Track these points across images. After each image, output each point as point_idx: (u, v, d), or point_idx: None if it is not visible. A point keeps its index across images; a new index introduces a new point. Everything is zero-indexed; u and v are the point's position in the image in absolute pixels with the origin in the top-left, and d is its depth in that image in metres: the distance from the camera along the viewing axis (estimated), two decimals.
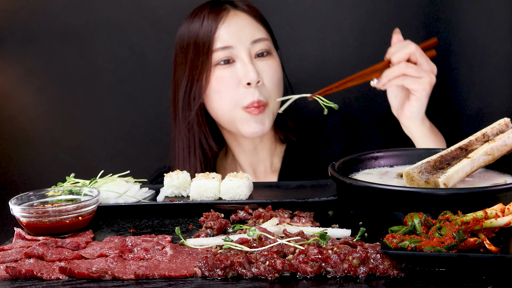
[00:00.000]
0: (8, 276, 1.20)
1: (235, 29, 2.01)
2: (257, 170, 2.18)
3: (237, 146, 2.16)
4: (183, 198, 1.62)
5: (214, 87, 2.02)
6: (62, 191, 1.53)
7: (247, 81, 1.98)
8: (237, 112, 2.01)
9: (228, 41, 2.00)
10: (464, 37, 2.43)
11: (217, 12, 2.02)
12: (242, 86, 1.99)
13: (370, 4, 2.47)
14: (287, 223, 1.39)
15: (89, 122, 2.64)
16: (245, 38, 2.01)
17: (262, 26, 2.06)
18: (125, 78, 2.60)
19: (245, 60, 1.99)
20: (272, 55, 2.06)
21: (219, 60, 2.01)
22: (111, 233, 1.45)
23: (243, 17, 2.04)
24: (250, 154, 2.16)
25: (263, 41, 2.04)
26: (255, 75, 1.97)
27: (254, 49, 2.02)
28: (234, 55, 2.01)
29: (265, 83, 2.01)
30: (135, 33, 2.56)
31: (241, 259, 1.16)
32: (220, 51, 2.00)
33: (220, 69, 2.01)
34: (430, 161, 1.48)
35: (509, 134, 1.48)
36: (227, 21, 2.02)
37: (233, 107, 2.01)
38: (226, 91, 2.01)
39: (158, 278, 1.17)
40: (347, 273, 1.13)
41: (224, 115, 2.05)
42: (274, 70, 2.04)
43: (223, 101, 2.02)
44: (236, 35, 2.01)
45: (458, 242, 1.13)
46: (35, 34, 2.57)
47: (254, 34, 2.03)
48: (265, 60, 2.03)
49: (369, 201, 1.39)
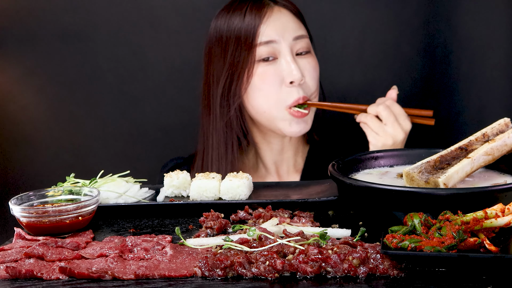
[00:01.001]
0: (8, 276, 1.20)
1: (279, 24, 2.00)
2: (280, 169, 2.18)
3: (264, 144, 2.15)
4: (183, 198, 1.62)
5: (256, 84, 2.00)
6: (62, 191, 1.53)
7: (291, 79, 1.97)
8: (280, 112, 2.00)
9: (271, 36, 1.99)
10: (464, 37, 2.44)
11: (260, 7, 2.01)
12: (285, 84, 1.99)
13: (370, 4, 2.47)
14: (287, 223, 1.39)
15: (89, 122, 2.64)
16: (288, 34, 2.00)
17: (302, 24, 2.07)
18: (125, 78, 2.60)
19: (288, 57, 1.98)
20: (311, 53, 2.07)
21: (262, 56, 1.99)
22: (111, 233, 1.45)
23: (285, 13, 2.04)
24: (276, 153, 2.15)
25: (304, 38, 2.04)
26: (298, 74, 1.97)
27: (296, 46, 2.02)
28: (277, 51, 1.99)
29: (307, 81, 2.02)
30: (135, 33, 2.56)
31: (241, 259, 1.16)
32: (263, 45, 1.98)
33: (262, 66, 1.99)
34: (430, 161, 1.48)
35: (509, 134, 1.48)
36: (271, 16, 2.00)
37: (276, 106, 2.00)
38: (269, 89, 1.99)
39: (158, 278, 1.17)
40: (347, 273, 1.13)
41: (265, 113, 2.03)
42: (314, 69, 2.05)
43: (266, 100, 2.01)
44: (279, 31, 1.99)
45: (458, 242, 1.13)
46: (35, 34, 2.57)
47: (297, 30, 2.02)
48: (306, 58, 2.03)
49: (369, 201, 1.39)
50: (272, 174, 2.16)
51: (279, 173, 2.17)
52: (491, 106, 2.46)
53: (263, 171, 2.17)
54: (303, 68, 2.01)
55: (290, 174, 2.18)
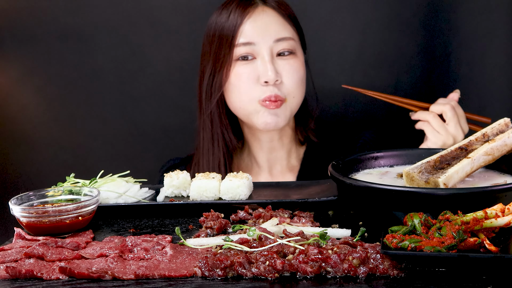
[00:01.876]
0: (8, 276, 1.20)
1: (260, 25, 2.01)
2: (273, 168, 2.19)
3: (255, 142, 2.17)
4: (183, 198, 1.62)
5: (232, 82, 2.03)
6: (62, 191, 1.53)
7: (265, 79, 1.99)
8: (253, 105, 2.02)
9: (251, 37, 2.01)
10: (464, 37, 2.44)
11: (245, 6, 2.03)
12: (260, 84, 2.00)
13: (370, 4, 2.47)
14: (287, 223, 1.39)
15: (89, 122, 2.64)
16: (268, 36, 2.01)
17: (289, 25, 2.06)
18: (125, 78, 2.60)
19: (266, 58, 2.00)
20: (295, 55, 2.06)
21: (240, 55, 2.02)
22: (111, 233, 1.45)
23: (270, 13, 2.04)
24: (267, 152, 2.17)
25: (287, 40, 2.03)
26: (273, 74, 1.98)
27: (277, 47, 2.02)
28: (256, 52, 2.01)
29: (284, 82, 2.02)
30: (135, 33, 2.56)
31: (241, 259, 1.16)
32: (242, 46, 2.01)
33: (240, 65, 2.02)
34: (430, 161, 1.48)
35: (509, 134, 1.48)
36: (253, 16, 2.02)
37: (250, 101, 2.02)
38: (244, 87, 2.02)
39: (158, 278, 1.17)
40: (347, 273, 1.13)
41: (241, 109, 2.06)
42: (295, 70, 2.04)
43: (241, 96, 2.04)
44: (260, 32, 2.01)
45: (458, 242, 1.13)
46: (35, 34, 2.57)
47: (279, 32, 2.03)
48: (287, 59, 2.03)
49: (369, 201, 1.39)
50: (265, 173, 2.18)
51: (272, 172, 2.18)
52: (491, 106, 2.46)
53: (256, 170, 2.19)
54: (282, 69, 2.01)
55: (284, 173, 2.19)
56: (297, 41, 2.09)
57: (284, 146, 2.18)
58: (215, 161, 2.12)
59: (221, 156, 2.12)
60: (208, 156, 2.13)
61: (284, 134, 2.15)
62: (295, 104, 2.06)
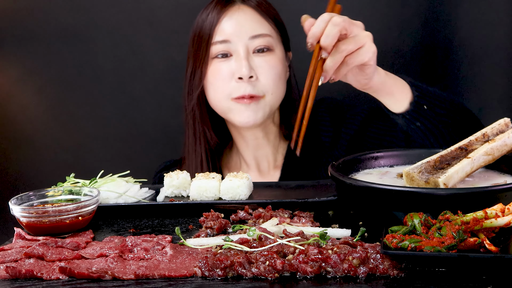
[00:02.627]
0: (8, 276, 1.20)
1: (235, 23, 2.03)
2: (261, 165, 2.19)
3: (241, 140, 2.17)
4: (183, 198, 1.62)
5: (209, 79, 2.06)
6: (62, 191, 1.53)
7: (239, 75, 2.00)
8: (228, 103, 2.04)
9: (226, 35, 2.02)
10: (464, 37, 2.44)
11: (223, 5, 2.05)
12: (234, 80, 2.01)
13: (370, 4, 2.47)
14: (287, 223, 1.39)
15: (89, 122, 2.64)
16: (244, 33, 2.02)
17: (266, 22, 2.06)
18: (125, 78, 2.60)
19: (240, 55, 2.01)
20: (272, 51, 2.06)
21: (217, 53, 2.04)
22: (111, 233, 1.45)
23: (247, 11, 2.05)
24: (253, 149, 2.17)
25: (264, 37, 2.04)
26: (247, 70, 1.99)
27: (253, 44, 2.03)
28: (232, 50, 2.03)
29: (259, 79, 2.02)
30: (135, 33, 2.56)
31: (241, 259, 1.16)
32: (218, 44, 2.03)
33: (216, 62, 2.04)
34: (430, 161, 1.48)
35: (509, 134, 1.48)
36: (228, 15, 2.03)
37: (224, 98, 2.04)
38: (219, 84, 2.04)
39: (158, 278, 1.17)
40: (347, 273, 1.13)
41: (217, 106, 2.08)
42: (271, 66, 2.04)
43: (216, 93, 2.05)
44: (235, 30, 2.02)
45: (458, 242, 1.13)
46: (35, 34, 2.57)
47: (255, 29, 2.03)
48: (263, 56, 2.04)
49: (369, 201, 1.39)
50: (253, 171, 2.18)
51: (260, 170, 2.19)
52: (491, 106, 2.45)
53: (245, 168, 2.20)
54: (257, 65, 2.02)
55: (271, 171, 2.19)
56: (276, 38, 2.08)
57: (270, 142, 2.18)
58: (197, 158, 2.13)
59: (203, 153, 2.14)
60: (192, 154, 2.15)
61: (269, 131, 2.16)
62: (274, 100, 2.06)
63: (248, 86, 2.00)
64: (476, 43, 2.43)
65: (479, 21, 2.41)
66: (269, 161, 2.19)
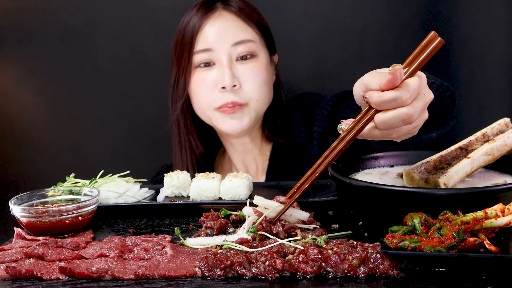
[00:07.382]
0: (8, 276, 1.20)
1: (217, 30, 1.99)
2: (250, 169, 2.19)
3: (229, 145, 2.18)
4: (183, 198, 1.62)
5: (192, 89, 2.03)
6: (62, 191, 1.53)
7: (222, 85, 1.97)
8: (211, 112, 2.02)
9: (208, 44, 1.99)
10: (464, 37, 2.44)
11: (205, 11, 2.01)
12: (218, 89, 1.99)
13: (370, 4, 2.47)
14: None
15: (89, 122, 2.64)
16: (226, 41, 1.98)
17: (249, 27, 2.02)
18: (125, 78, 2.60)
19: (223, 63, 1.98)
20: (256, 57, 2.02)
21: (199, 62, 2.01)
22: (111, 233, 1.45)
23: (228, 17, 2.01)
24: (241, 154, 2.17)
25: (247, 43, 2.00)
26: (229, 80, 1.96)
27: (236, 51, 1.99)
28: (214, 58, 1.99)
29: (243, 87, 2.00)
30: (135, 33, 2.56)
31: (241, 259, 1.16)
32: (200, 53, 2.00)
33: (199, 72, 2.01)
34: (430, 161, 1.48)
35: (509, 134, 1.48)
36: (210, 22, 2.00)
37: (208, 108, 2.02)
38: (203, 94, 2.01)
39: (158, 278, 1.17)
40: (347, 273, 1.13)
41: (203, 115, 2.07)
42: (255, 74, 2.01)
43: (200, 103, 2.03)
44: (217, 37, 1.98)
45: (458, 242, 1.13)
46: (35, 34, 2.57)
47: (237, 35, 2.00)
48: (247, 63, 2.00)
49: (369, 201, 1.39)
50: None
51: (250, 173, 2.18)
52: (491, 106, 2.46)
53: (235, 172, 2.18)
54: (241, 73, 1.99)
55: (259, 174, 2.19)
56: (260, 43, 2.05)
57: (257, 146, 2.17)
58: (184, 167, 2.12)
59: (189, 162, 2.13)
60: (179, 163, 2.14)
61: (256, 135, 2.15)
62: (259, 106, 2.04)
63: (231, 94, 1.98)
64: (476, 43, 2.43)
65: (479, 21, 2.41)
66: (258, 166, 2.19)
